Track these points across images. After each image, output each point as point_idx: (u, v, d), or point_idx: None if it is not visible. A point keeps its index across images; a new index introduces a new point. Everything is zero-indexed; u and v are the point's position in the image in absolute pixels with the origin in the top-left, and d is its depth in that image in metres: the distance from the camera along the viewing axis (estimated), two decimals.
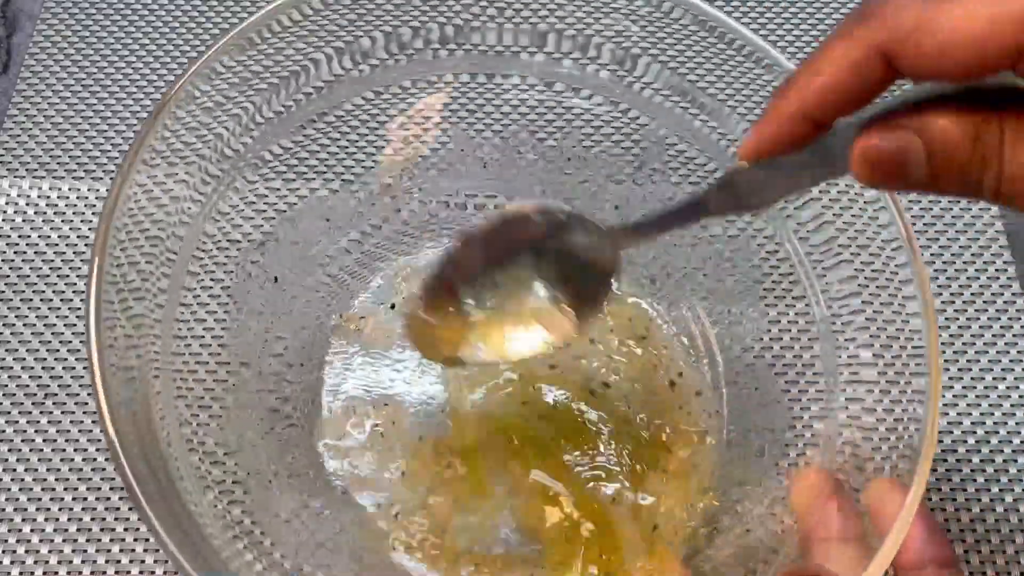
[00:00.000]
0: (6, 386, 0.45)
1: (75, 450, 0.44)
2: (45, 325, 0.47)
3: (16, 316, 0.47)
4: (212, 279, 0.40)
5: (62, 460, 0.43)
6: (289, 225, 0.44)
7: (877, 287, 0.35)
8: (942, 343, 0.47)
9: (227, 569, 0.30)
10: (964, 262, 0.49)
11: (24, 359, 0.46)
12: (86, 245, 0.49)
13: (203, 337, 0.40)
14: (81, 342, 0.46)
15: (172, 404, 0.35)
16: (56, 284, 0.48)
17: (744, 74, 0.37)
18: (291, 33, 0.39)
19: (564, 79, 0.42)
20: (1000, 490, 0.43)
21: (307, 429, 0.43)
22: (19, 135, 0.52)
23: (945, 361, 0.47)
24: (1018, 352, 0.47)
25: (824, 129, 0.23)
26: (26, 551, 0.42)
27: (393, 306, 0.45)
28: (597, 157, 0.45)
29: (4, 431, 0.44)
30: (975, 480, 0.44)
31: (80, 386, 0.45)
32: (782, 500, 0.36)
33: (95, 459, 0.43)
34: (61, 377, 0.45)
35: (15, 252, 0.49)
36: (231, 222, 0.41)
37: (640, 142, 0.42)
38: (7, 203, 0.50)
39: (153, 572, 0.41)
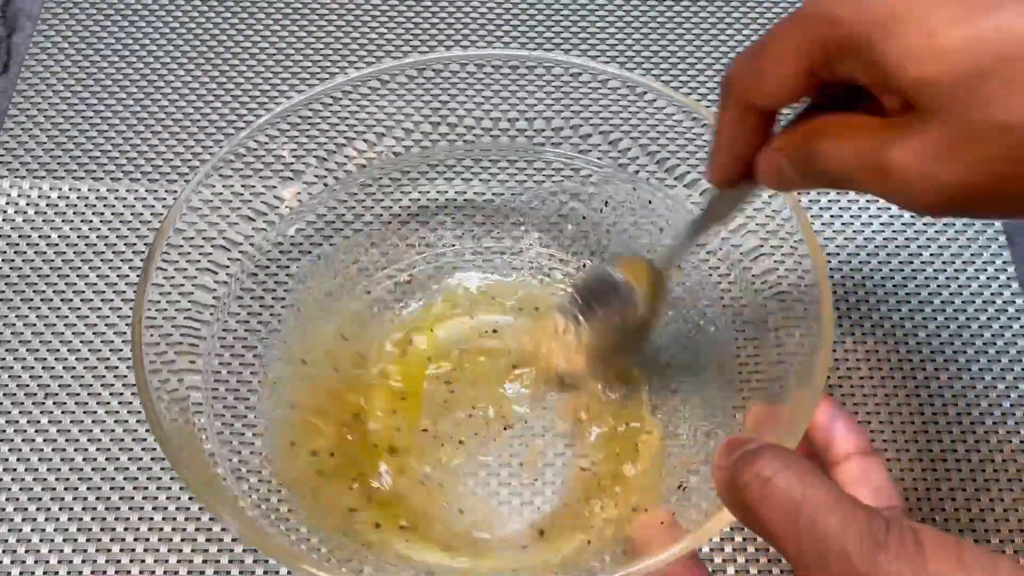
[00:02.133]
0: (6, 386, 0.45)
1: (75, 450, 0.44)
2: (45, 325, 0.47)
3: (16, 316, 0.47)
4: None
5: (62, 460, 0.44)
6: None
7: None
8: (941, 342, 0.47)
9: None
10: (964, 262, 0.49)
11: (24, 359, 0.46)
12: (86, 245, 0.49)
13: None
14: (81, 342, 0.46)
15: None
16: (56, 284, 0.48)
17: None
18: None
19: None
20: (1000, 490, 0.43)
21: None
22: (19, 135, 0.52)
23: (944, 360, 0.47)
24: (1017, 351, 0.47)
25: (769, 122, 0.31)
26: (26, 551, 0.42)
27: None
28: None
29: (4, 431, 0.44)
30: (974, 480, 0.44)
31: (80, 386, 0.45)
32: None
33: (95, 459, 0.44)
34: (61, 377, 0.45)
35: (15, 252, 0.49)
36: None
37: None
38: (7, 203, 0.50)
39: (153, 572, 0.41)
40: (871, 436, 0.44)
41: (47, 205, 0.50)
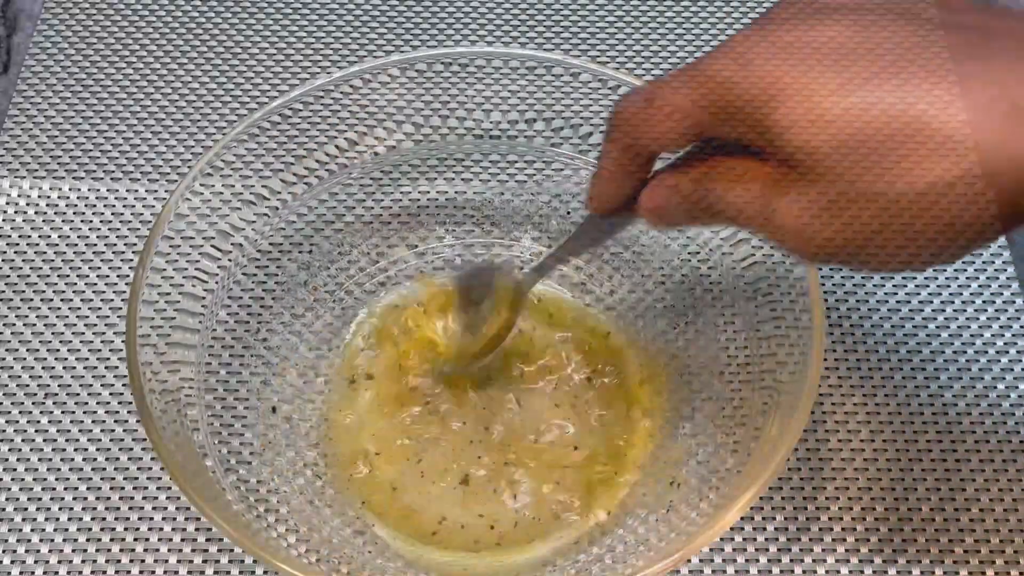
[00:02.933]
0: (6, 386, 0.45)
1: (75, 450, 0.44)
2: (45, 325, 0.47)
3: (16, 316, 0.47)
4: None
5: (62, 460, 0.44)
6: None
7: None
8: (941, 343, 0.47)
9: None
10: (964, 262, 0.49)
11: (24, 359, 0.46)
12: (86, 245, 0.49)
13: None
14: (81, 342, 0.46)
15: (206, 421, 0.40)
16: (56, 284, 0.48)
17: None
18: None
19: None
20: (1000, 490, 0.43)
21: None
22: (19, 135, 0.52)
23: (944, 360, 0.47)
24: (1017, 352, 0.47)
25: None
26: (26, 551, 0.42)
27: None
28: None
29: (4, 431, 0.44)
30: (974, 480, 0.44)
31: (80, 386, 0.45)
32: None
33: (95, 459, 0.44)
34: (61, 377, 0.45)
35: (15, 252, 0.49)
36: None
37: None
38: (7, 203, 0.50)
39: (153, 572, 0.41)
40: (871, 436, 0.45)
41: (47, 205, 0.50)
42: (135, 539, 0.42)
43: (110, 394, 0.45)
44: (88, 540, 0.42)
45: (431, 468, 0.43)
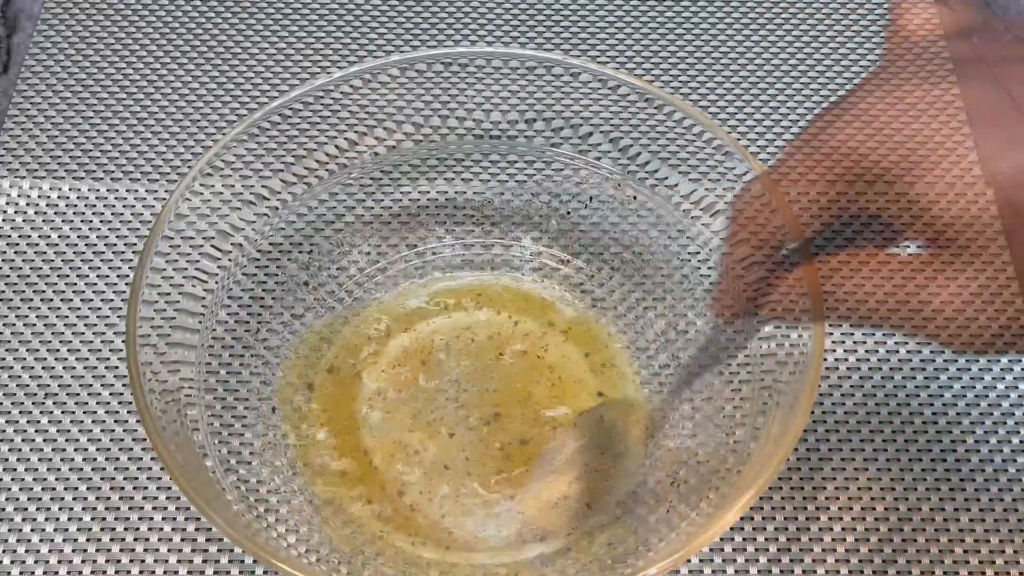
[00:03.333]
0: (6, 386, 0.45)
1: (75, 450, 0.44)
2: (45, 325, 0.47)
3: (16, 316, 0.47)
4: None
5: (62, 460, 0.44)
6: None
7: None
8: (940, 343, 0.47)
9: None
10: (963, 262, 0.49)
11: (24, 359, 0.46)
12: (86, 245, 0.49)
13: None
14: (81, 342, 0.46)
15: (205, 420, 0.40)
16: (56, 284, 0.48)
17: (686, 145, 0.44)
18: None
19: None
20: (999, 490, 0.43)
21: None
22: (19, 135, 0.52)
23: (944, 361, 0.47)
24: (1017, 352, 0.47)
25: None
26: (26, 551, 0.42)
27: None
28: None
29: (4, 431, 0.44)
30: (974, 480, 0.44)
31: (80, 386, 0.45)
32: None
33: (95, 459, 0.44)
34: (61, 377, 0.45)
35: (15, 252, 0.49)
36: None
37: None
38: (7, 203, 0.50)
39: (153, 572, 0.41)
40: (871, 436, 0.45)
41: (47, 205, 0.50)
42: (135, 539, 0.42)
43: (110, 394, 0.45)
44: (88, 540, 0.42)
45: (431, 467, 0.43)
